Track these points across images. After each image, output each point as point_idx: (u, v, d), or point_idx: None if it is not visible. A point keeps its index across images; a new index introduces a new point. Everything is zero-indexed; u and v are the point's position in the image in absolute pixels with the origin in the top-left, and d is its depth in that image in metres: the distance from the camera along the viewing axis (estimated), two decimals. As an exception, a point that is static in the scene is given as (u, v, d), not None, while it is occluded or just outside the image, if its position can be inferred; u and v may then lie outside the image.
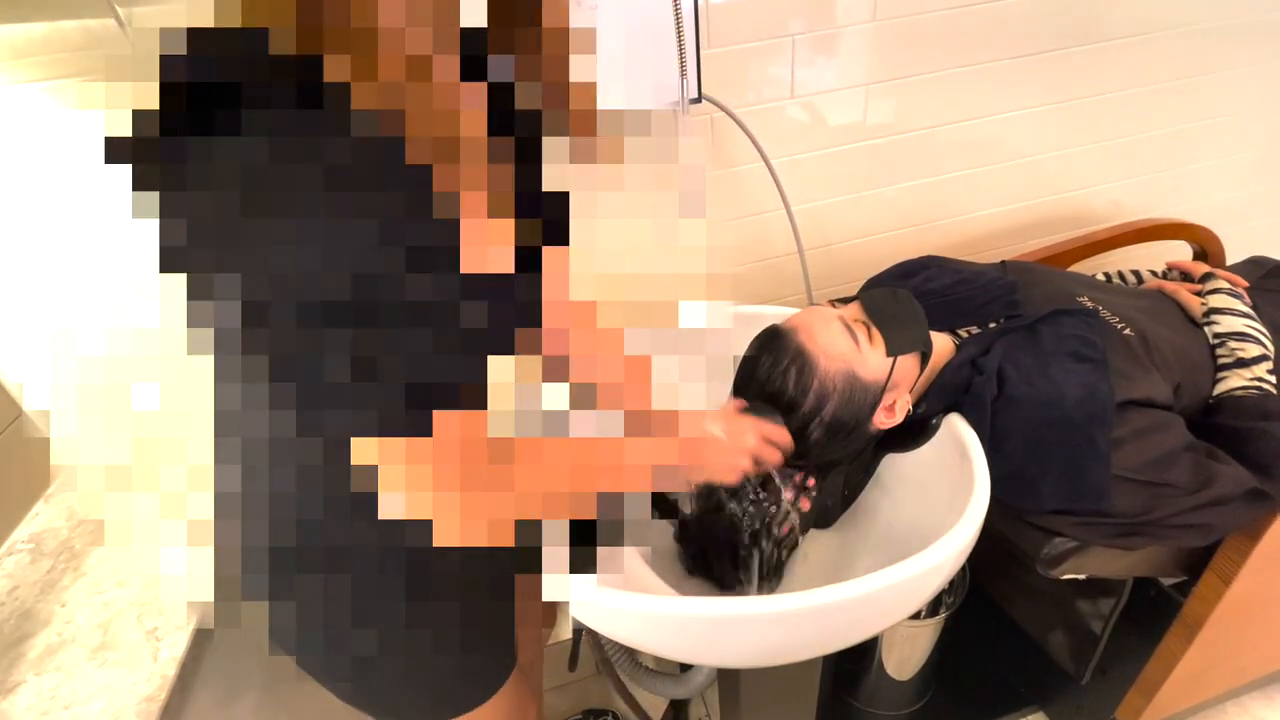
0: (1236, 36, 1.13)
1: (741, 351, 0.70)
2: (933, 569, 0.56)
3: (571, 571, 0.53)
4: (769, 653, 0.61)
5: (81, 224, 0.74)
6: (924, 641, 1.05)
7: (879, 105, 1.03)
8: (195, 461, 0.52)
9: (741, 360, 0.70)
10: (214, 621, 0.58)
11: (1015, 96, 1.08)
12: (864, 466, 0.76)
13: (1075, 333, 0.72)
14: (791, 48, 0.94)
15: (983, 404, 0.68)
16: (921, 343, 0.69)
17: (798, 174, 1.03)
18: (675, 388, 0.52)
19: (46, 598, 0.67)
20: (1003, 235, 1.22)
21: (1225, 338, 0.79)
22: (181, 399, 0.50)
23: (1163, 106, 1.16)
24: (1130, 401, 0.66)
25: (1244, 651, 0.93)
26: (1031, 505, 0.69)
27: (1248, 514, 0.69)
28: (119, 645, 0.62)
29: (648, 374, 0.50)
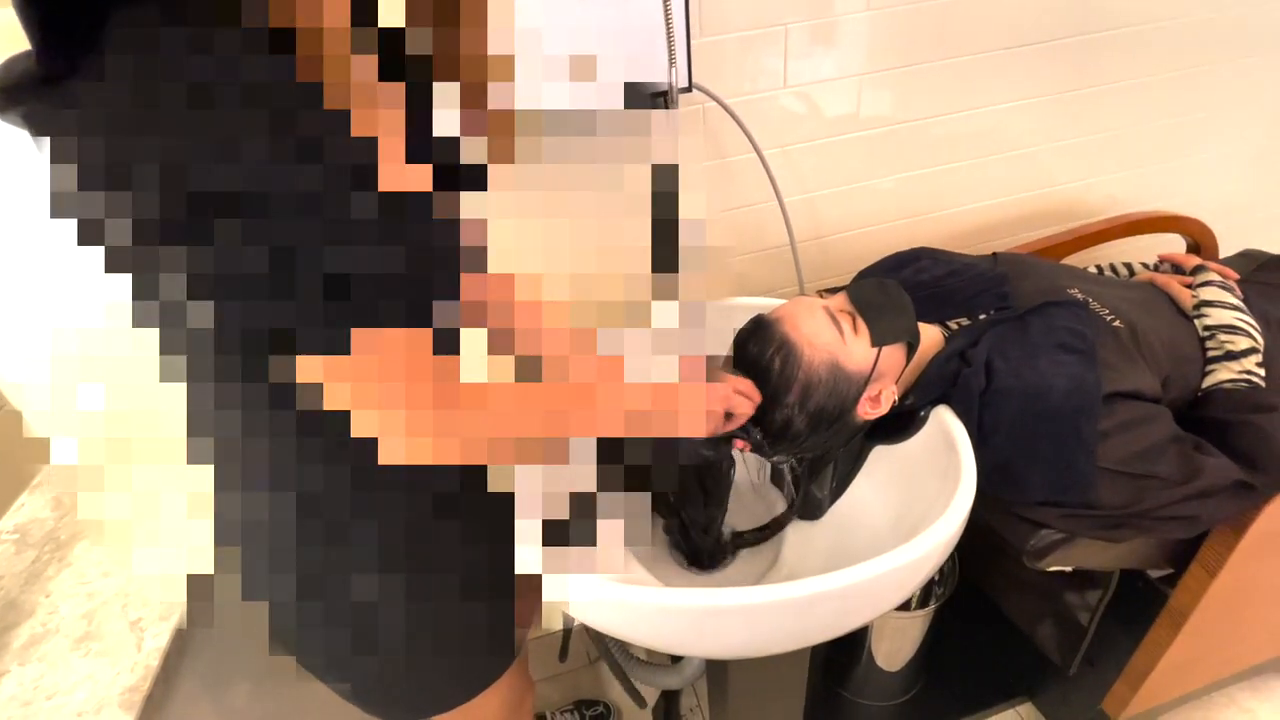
0: (1230, 30, 1.12)
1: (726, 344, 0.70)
2: (919, 560, 0.56)
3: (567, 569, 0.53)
4: (757, 643, 0.61)
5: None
6: (914, 632, 1.05)
7: (873, 96, 1.02)
8: (170, 457, 0.51)
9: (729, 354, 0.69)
10: (187, 620, 0.58)
11: (1010, 88, 1.07)
12: (852, 458, 0.76)
13: (1064, 324, 0.72)
14: (785, 37, 0.93)
15: (970, 396, 0.68)
16: (908, 334, 0.69)
17: (790, 165, 1.03)
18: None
19: (31, 588, 0.67)
20: (997, 227, 1.22)
21: (1215, 330, 0.79)
22: (152, 391, 0.49)
23: (1157, 100, 1.16)
24: (1118, 393, 0.66)
25: (1230, 643, 0.94)
26: (1019, 497, 0.69)
27: (1234, 506, 0.69)
28: (103, 636, 0.61)
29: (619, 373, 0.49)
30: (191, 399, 0.45)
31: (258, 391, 0.43)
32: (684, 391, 0.53)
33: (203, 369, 0.42)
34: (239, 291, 0.35)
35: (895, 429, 0.74)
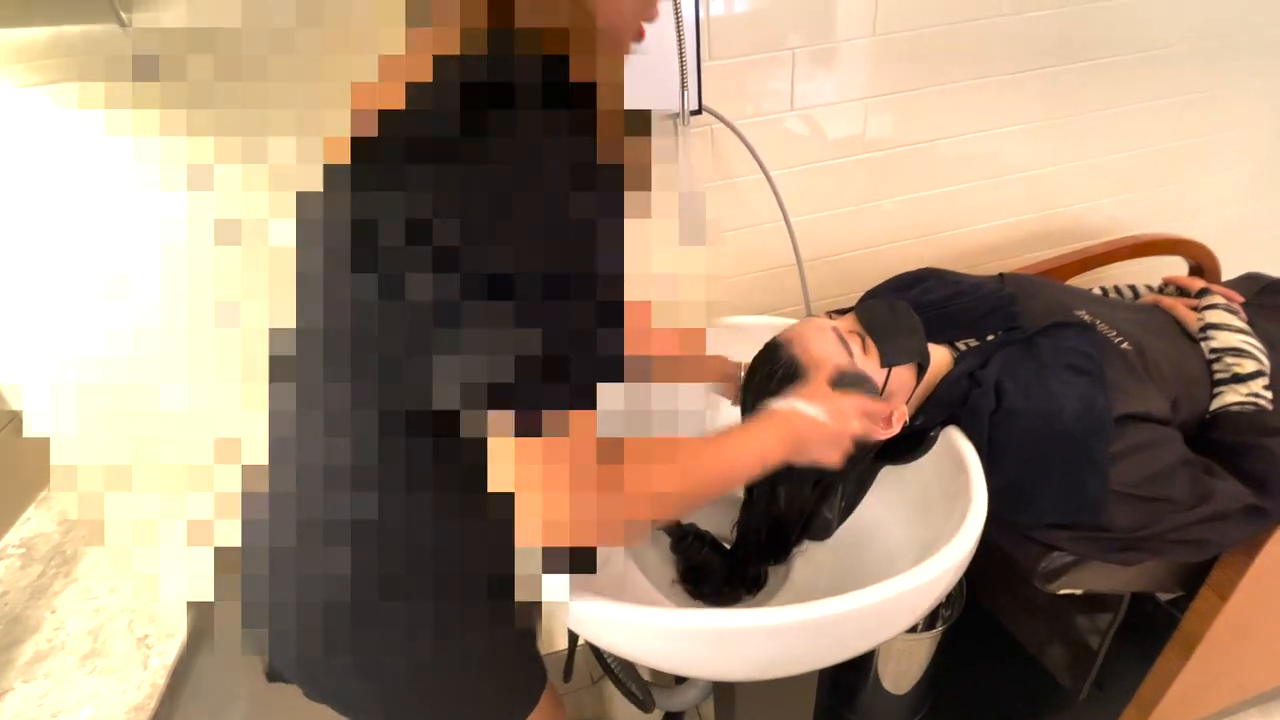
0: (1231, 55, 1.14)
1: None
2: (930, 583, 0.56)
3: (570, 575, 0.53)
4: (766, 666, 0.61)
5: (80, 225, 0.74)
6: (921, 655, 1.04)
7: (878, 119, 1.03)
8: (199, 460, 0.51)
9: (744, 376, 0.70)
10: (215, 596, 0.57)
11: (1013, 112, 1.09)
12: (862, 478, 0.76)
13: (1073, 345, 0.72)
14: (792, 61, 0.95)
15: (980, 417, 0.68)
16: (918, 354, 0.69)
17: (797, 185, 1.04)
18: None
19: (37, 603, 0.67)
20: (1000, 248, 1.23)
21: (1221, 353, 0.79)
22: (184, 398, 0.49)
23: (1158, 123, 1.17)
24: (1128, 416, 0.66)
25: (1242, 667, 0.93)
26: (1029, 519, 0.69)
27: (1245, 530, 0.69)
28: (109, 653, 0.61)
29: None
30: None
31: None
32: (814, 430, 0.57)
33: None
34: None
35: (904, 449, 0.74)
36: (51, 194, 0.74)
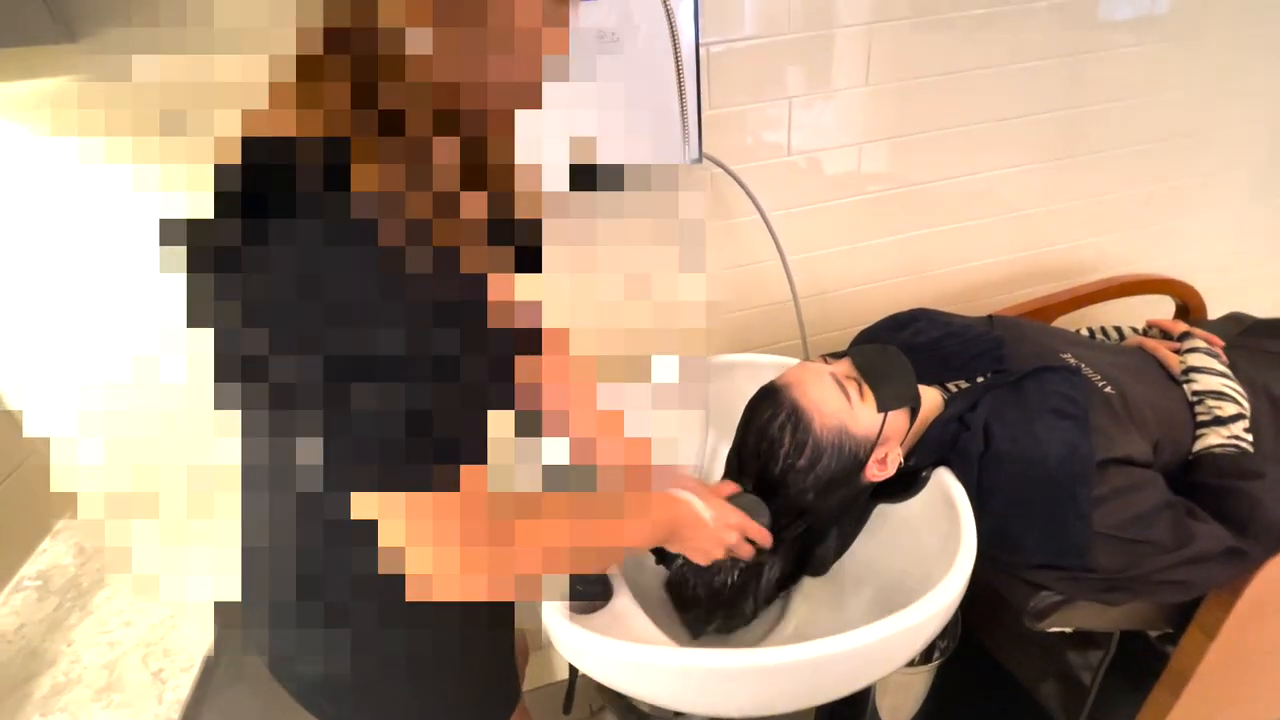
0: (1215, 101, 1.19)
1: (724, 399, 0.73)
2: (922, 622, 0.58)
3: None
4: (764, 702, 0.62)
5: (103, 247, 0.75)
6: (917, 689, 1.05)
7: (872, 161, 1.08)
8: (198, 486, 0.53)
9: (741, 418, 0.73)
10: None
11: (1004, 156, 1.13)
12: (857, 517, 0.78)
13: (1058, 389, 0.74)
14: (788, 108, 0.99)
15: (969, 460, 0.70)
16: (911, 399, 0.72)
17: (794, 225, 1.08)
18: (651, 440, 0.55)
19: (53, 636, 0.68)
20: (992, 285, 1.26)
21: (1203, 395, 0.82)
22: (184, 425, 0.51)
23: (1146, 165, 1.21)
24: (1111, 460, 0.69)
25: (1235, 703, 0.94)
26: (1017, 559, 0.71)
27: (1226, 572, 0.71)
28: (124, 686, 0.63)
29: (620, 427, 0.52)
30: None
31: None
32: (696, 528, 0.60)
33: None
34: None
35: (898, 488, 0.76)
36: (71, 212, 0.74)
